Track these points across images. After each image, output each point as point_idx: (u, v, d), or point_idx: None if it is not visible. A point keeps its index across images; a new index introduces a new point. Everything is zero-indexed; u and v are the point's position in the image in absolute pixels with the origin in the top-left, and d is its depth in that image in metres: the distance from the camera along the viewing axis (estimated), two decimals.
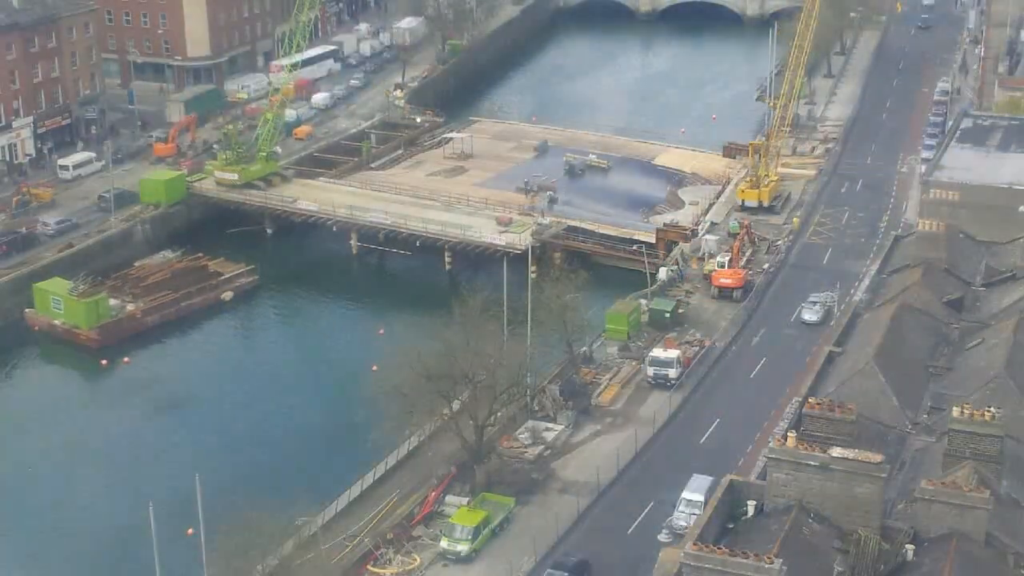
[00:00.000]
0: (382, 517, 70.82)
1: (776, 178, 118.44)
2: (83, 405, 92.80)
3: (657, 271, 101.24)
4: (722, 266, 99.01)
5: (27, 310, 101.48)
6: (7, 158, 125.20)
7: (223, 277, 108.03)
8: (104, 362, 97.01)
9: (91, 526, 75.87)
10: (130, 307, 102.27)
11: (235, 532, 58.82)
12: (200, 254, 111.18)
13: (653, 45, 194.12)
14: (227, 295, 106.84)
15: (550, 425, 79.91)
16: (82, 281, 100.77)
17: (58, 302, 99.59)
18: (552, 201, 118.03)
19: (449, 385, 71.19)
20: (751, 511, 43.19)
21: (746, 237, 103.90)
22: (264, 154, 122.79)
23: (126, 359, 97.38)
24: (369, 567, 66.68)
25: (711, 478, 66.02)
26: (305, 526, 65.57)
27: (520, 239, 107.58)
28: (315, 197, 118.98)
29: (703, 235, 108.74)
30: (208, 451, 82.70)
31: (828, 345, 63.67)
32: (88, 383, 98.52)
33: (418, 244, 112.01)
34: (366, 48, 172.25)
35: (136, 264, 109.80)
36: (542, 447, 77.39)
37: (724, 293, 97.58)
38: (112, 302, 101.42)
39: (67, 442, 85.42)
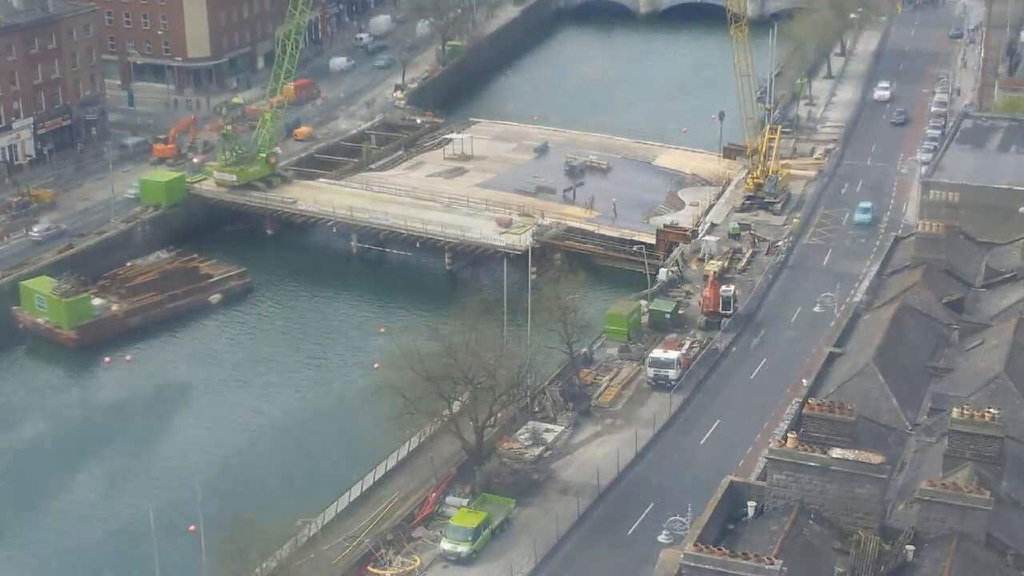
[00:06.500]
0: (382, 518, 70.80)
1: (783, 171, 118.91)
2: (71, 405, 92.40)
3: (657, 272, 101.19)
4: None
5: (14, 308, 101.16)
6: (7, 159, 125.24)
7: (212, 279, 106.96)
8: (107, 360, 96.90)
9: (90, 526, 75.81)
10: (114, 307, 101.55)
11: (235, 533, 58.82)
12: (194, 255, 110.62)
13: (653, 45, 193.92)
14: (215, 298, 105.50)
15: (550, 426, 79.85)
16: (66, 280, 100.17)
17: (42, 300, 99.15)
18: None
19: (449, 386, 71.18)
20: (751, 512, 43.15)
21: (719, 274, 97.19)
22: (263, 155, 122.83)
23: (127, 357, 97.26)
24: (369, 568, 66.66)
25: None
26: (305, 527, 65.60)
27: (520, 240, 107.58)
28: (315, 198, 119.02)
29: (703, 236, 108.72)
30: (208, 452, 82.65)
31: (828, 346, 63.60)
32: (74, 381, 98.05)
33: (418, 244, 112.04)
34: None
35: (128, 264, 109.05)
36: (542, 448, 77.31)
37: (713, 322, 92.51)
38: (98, 302, 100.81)
39: (61, 443, 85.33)
